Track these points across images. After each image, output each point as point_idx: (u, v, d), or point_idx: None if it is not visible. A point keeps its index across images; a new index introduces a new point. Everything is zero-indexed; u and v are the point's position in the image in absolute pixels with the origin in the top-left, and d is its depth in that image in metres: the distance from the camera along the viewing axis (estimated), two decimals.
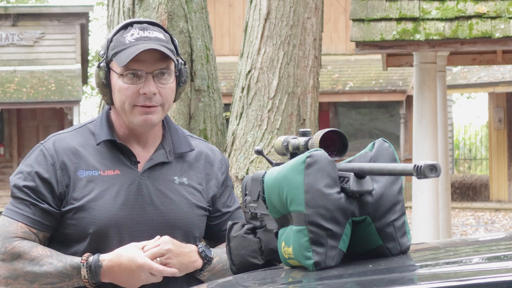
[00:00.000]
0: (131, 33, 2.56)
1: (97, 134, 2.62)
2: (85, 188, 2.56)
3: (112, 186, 2.57)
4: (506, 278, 1.57)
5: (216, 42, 19.96)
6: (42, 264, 2.52)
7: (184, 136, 2.70)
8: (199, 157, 2.70)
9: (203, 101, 6.45)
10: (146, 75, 2.54)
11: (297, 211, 1.85)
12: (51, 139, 2.62)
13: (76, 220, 2.56)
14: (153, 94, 2.54)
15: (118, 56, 2.55)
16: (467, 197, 21.66)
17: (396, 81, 20.27)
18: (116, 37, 2.58)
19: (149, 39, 2.55)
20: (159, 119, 2.59)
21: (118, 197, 2.56)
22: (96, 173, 2.58)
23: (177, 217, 2.61)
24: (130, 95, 2.54)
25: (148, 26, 2.59)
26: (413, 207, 8.10)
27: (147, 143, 2.64)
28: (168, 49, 2.56)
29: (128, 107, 2.56)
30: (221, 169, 2.73)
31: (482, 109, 35.33)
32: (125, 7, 6.33)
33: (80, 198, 2.56)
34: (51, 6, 22.66)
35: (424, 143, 7.99)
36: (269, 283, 1.91)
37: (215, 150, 2.77)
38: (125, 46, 2.55)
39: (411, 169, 1.69)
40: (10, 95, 20.09)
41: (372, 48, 7.42)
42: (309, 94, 6.17)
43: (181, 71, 2.63)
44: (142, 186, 2.59)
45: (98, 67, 2.59)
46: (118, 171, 2.59)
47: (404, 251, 1.91)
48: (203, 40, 6.47)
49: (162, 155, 2.64)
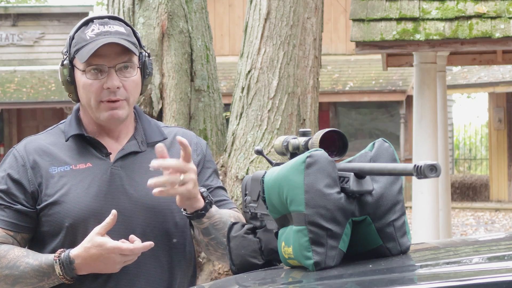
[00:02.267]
0: (92, 29, 2.57)
1: (66, 131, 2.64)
2: (58, 183, 2.57)
3: (85, 179, 2.57)
4: (506, 278, 1.57)
5: (216, 42, 19.96)
6: (19, 266, 2.52)
7: (157, 127, 2.70)
8: (174, 143, 2.68)
9: (203, 101, 6.44)
10: (108, 70, 2.54)
11: (297, 211, 1.85)
12: (23, 142, 2.65)
13: (50, 216, 2.56)
14: (116, 88, 2.54)
15: (80, 53, 2.55)
16: (467, 197, 21.66)
17: (396, 81, 20.27)
18: (77, 34, 2.59)
19: (109, 34, 2.55)
20: (126, 113, 2.58)
21: (90, 189, 2.57)
22: (67, 168, 2.58)
23: (153, 204, 2.58)
24: (94, 91, 2.55)
25: (109, 20, 2.59)
26: (413, 207, 8.10)
27: (119, 136, 2.64)
28: (130, 42, 2.56)
29: (94, 103, 2.56)
30: (196, 151, 2.70)
31: (482, 109, 35.34)
32: (125, 7, 6.33)
33: (53, 194, 2.56)
34: (51, 6, 22.66)
35: (424, 143, 7.99)
36: (269, 283, 1.91)
37: (191, 134, 2.75)
38: (86, 42, 2.55)
39: (411, 169, 1.69)
40: (10, 95, 20.08)
41: (372, 48, 7.42)
42: (309, 94, 6.17)
43: (145, 64, 2.62)
44: (115, 175, 2.59)
45: (62, 64, 2.60)
46: (89, 164, 2.59)
47: (404, 251, 1.91)
48: (203, 40, 6.46)
49: (134, 145, 2.64)
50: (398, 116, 20.83)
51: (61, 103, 20.05)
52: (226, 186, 6.14)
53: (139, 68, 2.61)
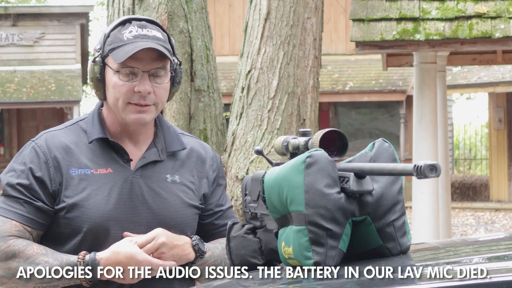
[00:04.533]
0: (129, 30, 2.55)
1: (89, 132, 2.61)
2: (78, 186, 2.56)
3: (105, 185, 2.57)
4: (506, 278, 1.57)
5: (216, 42, 19.96)
6: (37, 263, 2.51)
7: (176, 134, 2.69)
8: (190, 155, 2.69)
9: (203, 101, 6.45)
10: (142, 74, 2.53)
11: (297, 211, 1.85)
12: (43, 136, 2.61)
13: (69, 219, 2.55)
14: (147, 93, 2.53)
15: (115, 52, 2.54)
16: (467, 197, 21.65)
17: (396, 81, 20.27)
18: (113, 33, 2.57)
19: (148, 37, 2.54)
20: (152, 118, 2.58)
21: (111, 196, 2.56)
22: (88, 171, 2.57)
23: (170, 216, 2.60)
24: (125, 92, 2.54)
25: (147, 24, 2.58)
26: (413, 207, 8.10)
27: (139, 140, 2.64)
28: (166, 48, 2.56)
29: (122, 104, 2.55)
30: (212, 166, 2.72)
31: (482, 109, 35.32)
32: (125, 7, 6.33)
33: (72, 196, 2.55)
34: (51, 6, 22.65)
35: (424, 143, 7.99)
36: (269, 283, 1.91)
37: (207, 147, 2.76)
38: (123, 42, 2.54)
39: (411, 169, 1.69)
40: (10, 95, 20.08)
41: (372, 48, 7.42)
42: (309, 94, 6.17)
43: (176, 71, 2.62)
44: (135, 184, 2.59)
45: (93, 61, 2.58)
46: (110, 170, 2.58)
47: (404, 251, 1.91)
48: (203, 40, 6.47)
49: (155, 153, 2.63)
50: (398, 116, 20.82)
51: (61, 103, 20.05)
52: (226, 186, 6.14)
53: (171, 76, 2.60)
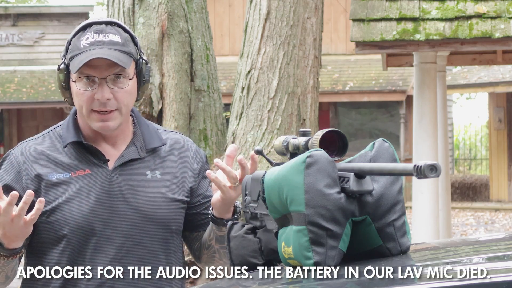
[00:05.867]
0: (86, 37, 2.54)
1: (63, 137, 2.62)
2: (57, 190, 2.56)
3: (84, 186, 2.57)
4: (506, 278, 1.57)
5: (216, 42, 19.96)
6: None
7: (155, 131, 2.69)
8: (172, 149, 2.69)
9: (203, 101, 6.45)
10: (99, 81, 2.52)
11: (297, 211, 1.85)
12: (20, 147, 2.63)
13: (50, 223, 2.55)
14: (107, 100, 2.52)
15: (73, 61, 2.54)
16: (467, 197, 21.66)
17: (396, 81, 20.27)
18: (74, 40, 2.58)
19: (102, 44, 2.52)
20: (118, 123, 2.57)
21: (90, 197, 2.56)
22: (67, 175, 2.57)
23: (152, 211, 2.59)
24: (86, 100, 2.53)
25: (105, 28, 2.56)
26: (413, 207, 8.10)
27: (117, 141, 2.63)
28: (124, 52, 2.53)
29: (86, 112, 2.55)
30: (195, 159, 2.72)
31: (482, 109, 35.32)
32: (125, 7, 6.33)
33: (52, 201, 2.55)
34: (51, 6, 22.66)
35: (424, 143, 7.99)
36: (269, 283, 1.91)
37: (189, 141, 2.75)
38: (80, 51, 2.53)
39: (411, 169, 1.69)
40: (10, 95, 20.09)
41: (372, 48, 7.42)
42: (309, 94, 6.17)
43: (141, 72, 2.60)
44: (114, 183, 2.58)
45: (59, 69, 2.59)
46: (88, 171, 2.58)
47: (404, 251, 1.91)
48: (203, 40, 6.47)
49: (133, 151, 2.63)
50: (398, 116, 20.82)
51: (61, 103, 20.04)
52: None
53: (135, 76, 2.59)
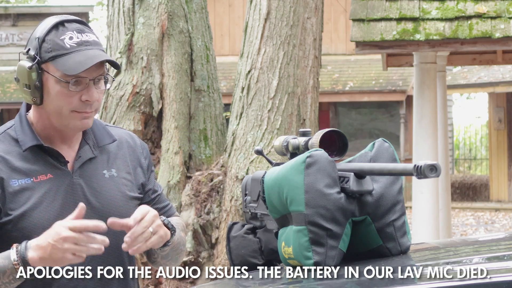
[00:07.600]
0: (69, 36, 2.49)
1: (21, 140, 2.56)
2: (22, 197, 2.51)
3: (48, 192, 2.53)
4: (506, 278, 1.57)
5: (216, 42, 19.95)
6: None
7: (103, 127, 2.67)
8: (120, 146, 2.67)
9: (203, 101, 6.45)
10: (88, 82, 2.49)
11: (297, 211, 1.85)
12: None
13: (18, 231, 2.50)
14: (96, 100, 2.50)
15: (60, 61, 2.48)
16: (467, 197, 21.65)
17: (396, 81, 20.27)
18: (50, 38, 2.50)
19: (90, 44, 2.50)
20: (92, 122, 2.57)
21: (55, 202, 2.53)
22: (29, 181, 2.53)
23: (114, 211, 2.56)
24: (72, 101, 2.49)
25: (83, 27, 2.52)
26: (413, 207, 8.10)
27: (72, 141, 2.61)
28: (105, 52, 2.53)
29: (66, 112, 2.50)
30: (143, 154, 2.71)
31: (482, 109, 35.31)
32: (125, 7, 6.33)
33: (17, 208, 2.51)
34: (51, 6, 22.66)
35: (424, 143, 7.99)
36: (269, 283, 1.91)
37: (134, 136, 2.74)
38: (67, 51, 2.48)
39: (411, 169, 1.69)
40: (10, 95, 20.09)
41: (372, 48, 7.42)
42: (309, 94, 6.17)
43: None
44: (76, 186, 2.56)
45: (30, 68, 2.50)
46: (50, 175, 2.54)
47: (404, 251, 1.91)
48: (203, 40, 6.47)
49: (88, 150, 2.61)
50: (398, 116, 20.82)
51: None
52: (226, 186, 6.15)
53: None
